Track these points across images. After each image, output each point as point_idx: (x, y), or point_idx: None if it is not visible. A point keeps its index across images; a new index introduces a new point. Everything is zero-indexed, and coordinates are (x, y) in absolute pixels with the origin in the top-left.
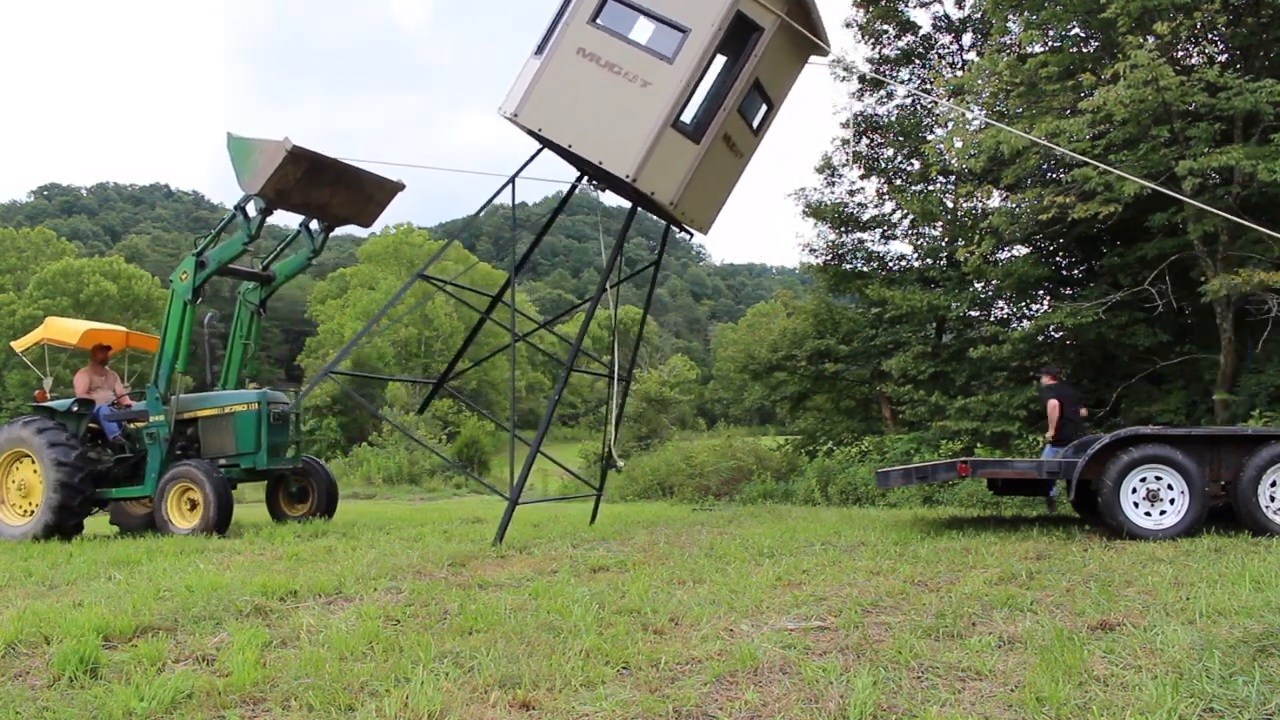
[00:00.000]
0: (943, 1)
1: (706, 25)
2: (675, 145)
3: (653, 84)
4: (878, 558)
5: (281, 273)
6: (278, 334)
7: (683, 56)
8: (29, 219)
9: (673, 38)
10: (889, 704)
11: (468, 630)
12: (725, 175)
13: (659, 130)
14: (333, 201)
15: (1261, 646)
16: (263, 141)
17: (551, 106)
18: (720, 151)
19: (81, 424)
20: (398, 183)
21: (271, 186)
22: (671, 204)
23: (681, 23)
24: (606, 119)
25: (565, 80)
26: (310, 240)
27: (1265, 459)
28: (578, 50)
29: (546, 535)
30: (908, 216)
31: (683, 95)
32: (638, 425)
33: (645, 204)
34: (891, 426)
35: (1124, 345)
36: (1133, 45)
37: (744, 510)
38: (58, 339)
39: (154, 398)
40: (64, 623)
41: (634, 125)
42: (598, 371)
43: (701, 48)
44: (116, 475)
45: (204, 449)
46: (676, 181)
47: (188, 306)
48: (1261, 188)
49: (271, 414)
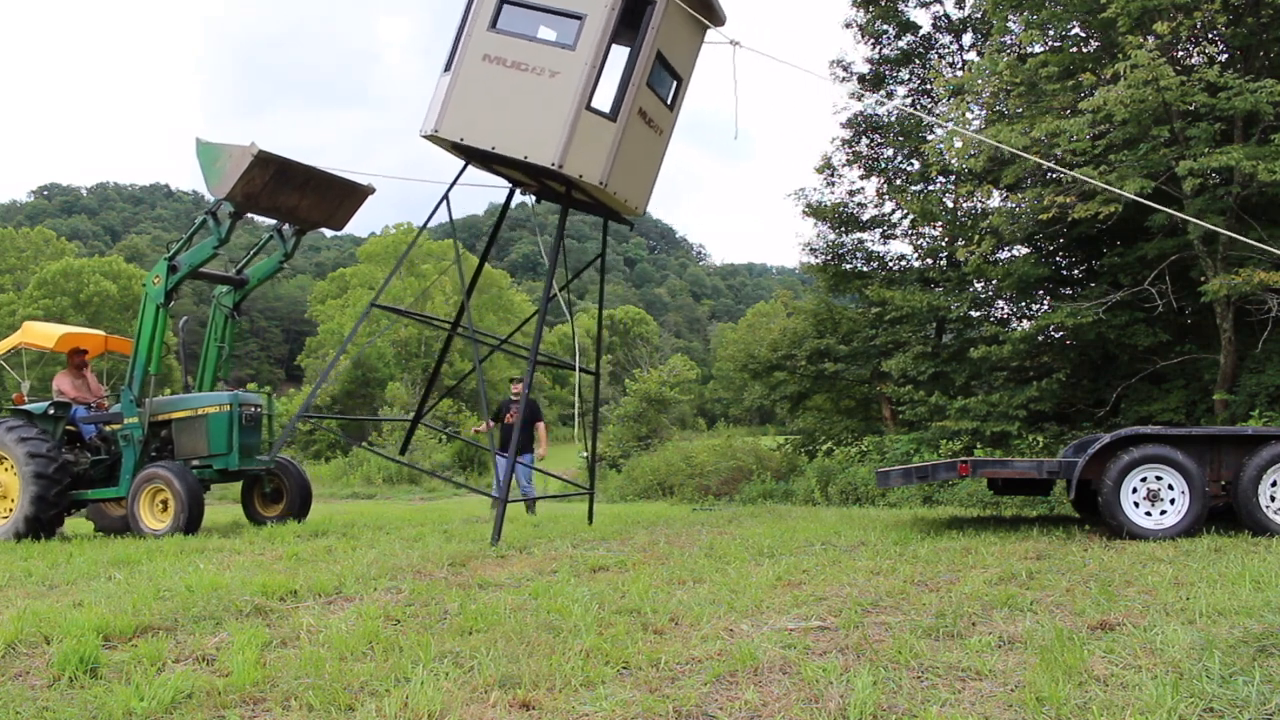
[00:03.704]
0: (943, 1)
1: (600, 7)
2: (594, 126)
3: (560, 73)
4: (878, 558)
5: (254, 276)
6: (278, 334)
7: (583, 42)
8: (29, 219)
9: (571, 26)
10: (889, 704)
11: (468, 630)
12: (649, 153)
13: (575, 114)
14: (302, 205)
15: (1261, 646)
16: (230, 146)
17: (468, 115)
18: (639, 128)
19: (58, 426)
20: (367, 187)
21: (239, 190)
22: (601, 183)
23: (575, 10)
24: (523, 115)
25: (477, 87)
26: (282, 244)
27: (1265, 459)
28: (484, 57)
29: (546, 535)
30: (908, 216)
31: (591, 77)
32: (638, 425)
33: (578, 204)
34: (891, 426)
35: (1124, 345)
36: (1133, 45)
37: (744, 510)
38: (35, 343)
39: (128, 400)
40: (64, 623)
41: (550, 114)
42: (565, 362)
43: (599, 30)
44: (92, 477)
45: (178, 451)
46: (601, 161)
47: (160, 310)
48: (1261, 188)
49: (244, 415)
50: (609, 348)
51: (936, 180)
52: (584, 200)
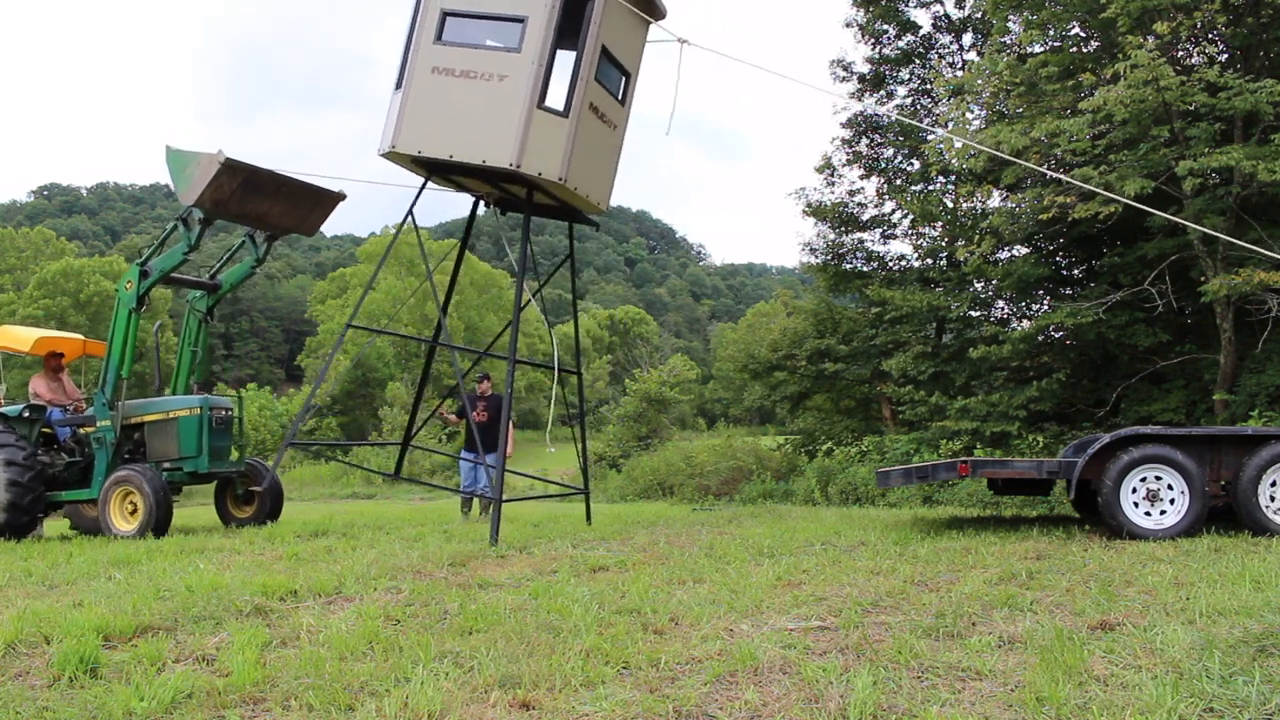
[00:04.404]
0: (943, 2)
1: (540, 7)
2: (547, 124)
3: (509, 75)
4: (878, 558)
5: (227, 281)
6: (278, 334)
7: (528, 42)
8: (29, 219)
9: (514, 29)
10: (889, 704)
11: (468, 630)
12: (606, 148)
13: (527, 113)
14: (272, 211)
15: (1261, 646)
16: (198, 154)
17: (423, 127)
18: (592, 123)
19: (34, 429)
20: (338, 193)
21: (208, 197)
22: (561, 179)
23: (517, 14)
24: (477, 121)
25: (429, 100)
26: (254, 249)
27: (1265, 459)
28: (432, 70)
29: (546, 535)
30: (908, 216)
31: (539, 76)
32: (638, 425)
33: (541, 210)
34: (891, 426)
35: (1124, 345)
36: (1133, 45)
37: (744, 510)
38: (10, 346)
39: (101, 403)
40: (64, 623)
41: (503, 117)
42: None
43: (542, 29)
44: (67, 479)
45: (149, 453)
46: (558, 158)
47: (132, 315)
48: (1261, 188)
49: (213, 419)
50: (609, 348)
51: (936, 180)
52: (547, 204)
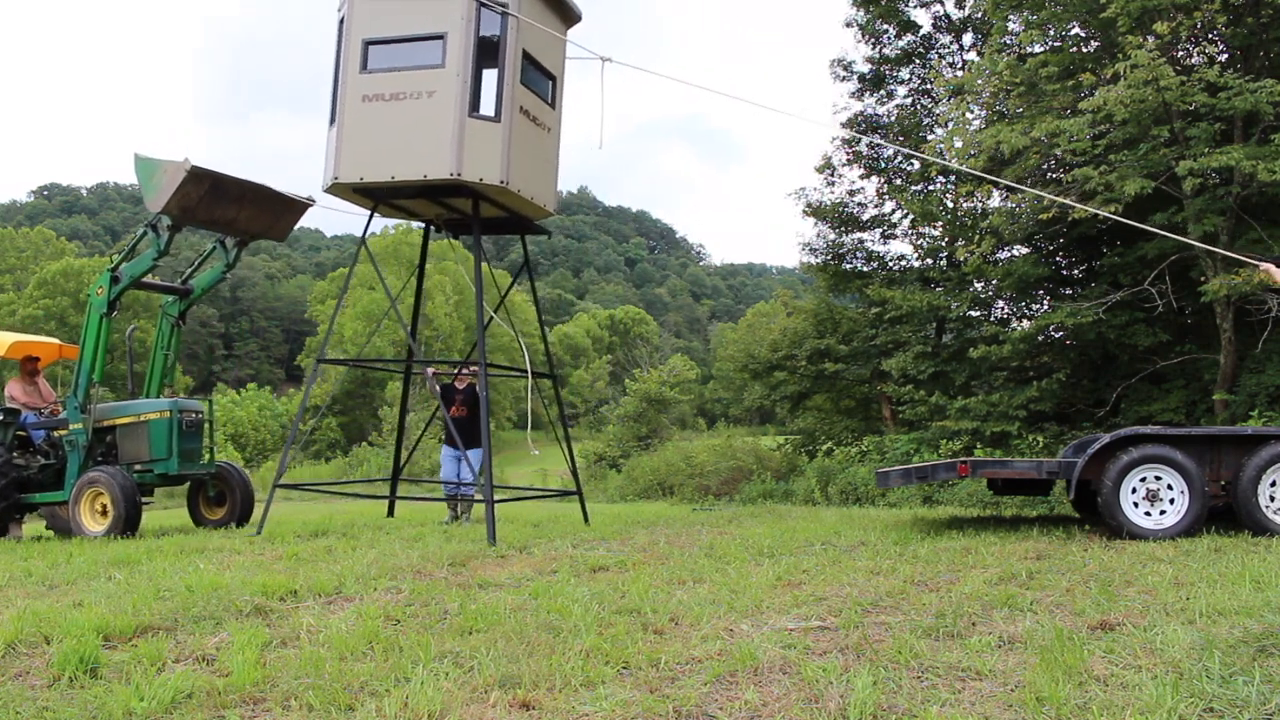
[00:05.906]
0: (943, 1)
1: (457, 21)
2: (481, 131)
3: (437, 90)
4: (878, 558)
5: (199, 286)
6: (278, 334)
7: (450, 56)
8: (29, 219)
9: (435, 47)
10: (889, 704)
11: (468, 630)
12: (543, 150)
13: (460, 123)
14: (240, 217)
15: (1261, 646)
16: (165, 162)
17: (361, 156)
18: (525, 126)
19: (8, 432)
20: (307, 199)
21: (175, 204)
22: (503, 182)
23: (436, 31)
24: (413, 139)
25: (364, 128)
26: (225, 254)
27: (1265, 459)
28: (363, 99)
29: (546, 535)
30: (908, 216)
31: (466, 85)
32: (638, 425)
33: (491, 226)
34: (891, 426)
35: (1124, 345)
36: (1133, 45)
37: (744, 510)
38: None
39: (73, 406)
40: (64, 623)
41: (438, 131)
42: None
43: (463, 42)
44: (41, 481)
45: (121, 455)
46: (496, 162)
47: (104, 319)
48: (1261, 188)
49: (183, 421)
50: (609, 348)
51: (936, 180)
52: (496, 216)
